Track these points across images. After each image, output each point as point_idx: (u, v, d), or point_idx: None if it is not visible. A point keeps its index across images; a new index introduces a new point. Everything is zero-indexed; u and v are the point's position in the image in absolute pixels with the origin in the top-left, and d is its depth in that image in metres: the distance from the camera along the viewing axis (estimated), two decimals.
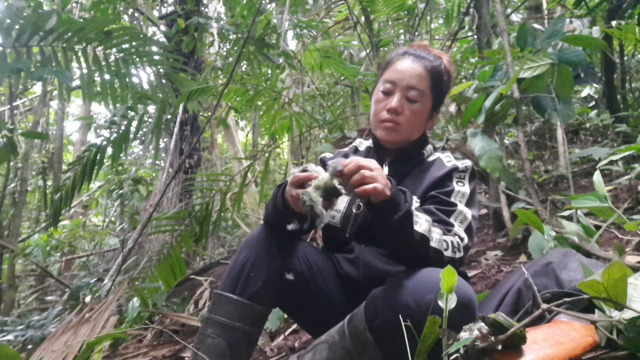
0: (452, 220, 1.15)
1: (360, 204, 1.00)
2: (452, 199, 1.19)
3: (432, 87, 1.26)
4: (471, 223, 1.18)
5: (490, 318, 0.78)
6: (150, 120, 3.65)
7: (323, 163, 1.41)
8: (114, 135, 2.74)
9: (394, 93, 1.25)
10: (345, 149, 1.46)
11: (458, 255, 1.10)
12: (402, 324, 0.89)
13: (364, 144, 1.44)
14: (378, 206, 1.00)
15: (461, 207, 1.18)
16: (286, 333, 1.95)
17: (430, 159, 1.32)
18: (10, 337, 2.58)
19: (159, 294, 2.60)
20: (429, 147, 1.35)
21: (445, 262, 1.06)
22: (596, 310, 0.83)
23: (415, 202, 1.07)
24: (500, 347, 0.77)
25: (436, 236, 1.07)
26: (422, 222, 1.05)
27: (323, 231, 1.36)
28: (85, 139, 7.55)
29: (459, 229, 1.14)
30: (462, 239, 1.13)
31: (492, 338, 0.77)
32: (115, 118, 2.70)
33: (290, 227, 1.12)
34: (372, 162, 1.01)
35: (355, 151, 1.43)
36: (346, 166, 1.00)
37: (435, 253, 1.06)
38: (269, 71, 4.08)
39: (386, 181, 1.01)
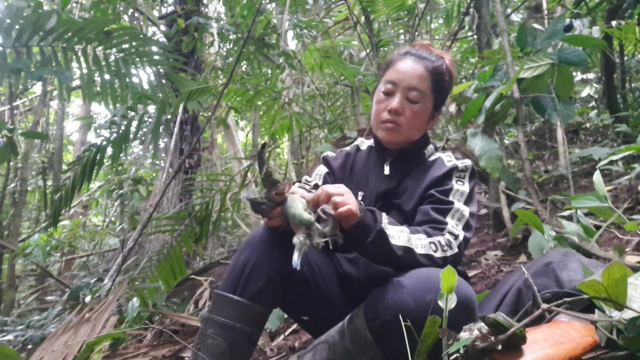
0: (447, 219, 1.15)
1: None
2: (450, 198, 1.19)
3: (434, 88, 1.26)
4: (469, 220, 1.18)
5: (490, 318, 0.78)
6: (150, 120, 3.65)
7: (326, 162, 1.42)
8: (114, 135, 2.75)
9: (395, 94, 1.25)
10: (348, 148, 1.46)
11: (450, 253, 1.10)
12: (402, 324, 0.89)
13: (365, 143, 1.44)
14: (349, 232, 1.02)
15: (458, 204, 1.18)
16: (286, 333, 1.95)
17: (431, 158, 1.32)
18: (10, 337, 2.58)
19: (159, 294, 2.60)
20: (430, 147, 1.35)
21: (439, 262, 1.06)
22: (596, 310, 0.83)
23: (385, 218, 1.08)
24: (500, 347, 0.77)
25: (420, 242, 1.07)
26: (399, 235, 1.05)
27: None
28: (85, 139, 7.55)
29: (453, 227, 1.14)
30: (456, 237, 1.13)
31: (492, 338, 0.77)
32: (115, 118, 2.70)
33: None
34: (341, 187, 1.05)
35: (357, 150, 1.43)
36: (322, 191, 1.04)
37: (425, 258, 1.06)
38: (269, 71, 4.07)
39: (357, 204, 1.03)
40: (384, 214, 1.10)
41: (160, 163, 5.92)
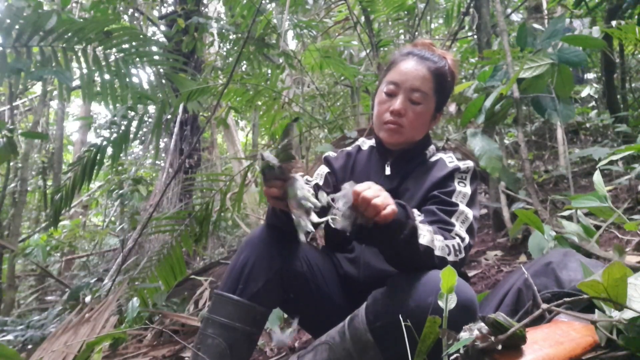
0: (453, 220, 1.15)
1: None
2: (454, 199, 1.19)
3: (436, 89, 1.26)
4: (472, 223, 1.17)
5: (490, 318, 0.78)
6: (150, 120, 3.65)
7: (328, 162, 1.42)
8: (114, 135, 2.74)
9: (397, 95, 1.24)
10: (349, 148, 1.45)
11: (460, 256, 1.09)
12: (403, 325, 0.89)
13: (367, 143, 1.44)
14: (384, 227, 0.97)
15: (462, 207, 1.18)
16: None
17: (433, 159, 1.31)
18: (10, 337, 2.58)
19: (159, 294, 2.60)
20: (432, 147, 1.34)
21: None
22: (596, 310, 0.83)
23: (418, 215, 1.05)
24: (500, 347, 0.77)
25: (439, 244, 1.06)
26: (425, 234, 1.03)
27: (325, 230, 1.36)
28: (85, 139, 7.55)
29: (459, 229, 1.14)
30: (462, 240, 1.13)
31: (492, 338, 0.77)
32: (115, 118, 2.70)
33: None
34: (373, 187, 0.97)
35: (359, 150, 1.42)
36: (358, 195, 0.95)
37: (439, 260, 1.05)
38: (269, 71, 4.07)
39: (392, 200, 0.98)
40: (415, 210, 1.06)
41: (160, 163, 5.92)
